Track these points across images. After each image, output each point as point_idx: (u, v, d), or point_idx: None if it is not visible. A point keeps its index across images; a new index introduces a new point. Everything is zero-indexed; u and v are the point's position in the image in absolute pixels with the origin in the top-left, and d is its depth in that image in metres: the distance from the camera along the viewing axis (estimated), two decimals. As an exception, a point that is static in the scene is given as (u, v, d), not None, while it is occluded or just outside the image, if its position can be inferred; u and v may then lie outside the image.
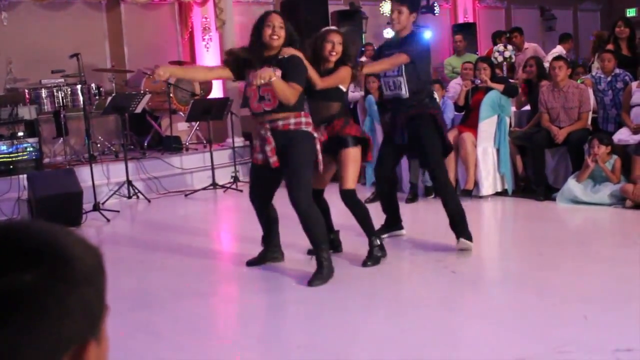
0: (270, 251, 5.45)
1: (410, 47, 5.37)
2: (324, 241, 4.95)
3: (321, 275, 4.84)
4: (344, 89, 5.28)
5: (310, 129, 4.92)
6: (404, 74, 5.43)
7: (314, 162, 4.97)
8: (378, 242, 5.29)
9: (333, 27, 5.74)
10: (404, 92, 5.46)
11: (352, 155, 5.20)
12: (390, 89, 5.56)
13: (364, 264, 5.22)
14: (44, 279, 0.90)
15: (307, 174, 4.88)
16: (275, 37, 4.82)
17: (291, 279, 5.06)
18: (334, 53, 5.19)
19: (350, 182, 5.21)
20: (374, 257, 5.24)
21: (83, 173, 7.87)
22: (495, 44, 11.07)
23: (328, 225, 5.33)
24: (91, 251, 0.98)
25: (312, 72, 5.04)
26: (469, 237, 5.46)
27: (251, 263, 5.44)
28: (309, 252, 5.32)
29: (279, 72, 4.71)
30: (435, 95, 5.98)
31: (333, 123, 5.20)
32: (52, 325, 0.90)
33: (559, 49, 10.90)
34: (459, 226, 5.49)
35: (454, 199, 5.61)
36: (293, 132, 4.86)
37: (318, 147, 4.97)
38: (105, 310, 0.99)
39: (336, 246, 5.59)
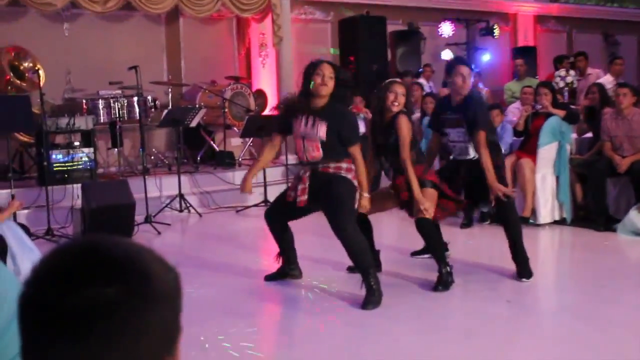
0: (289, 268, 5.55)
1: (478, 121, 5.28)
2: (370, 265, 4.96)
3: (373, 298, 4.82)
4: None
5: (350, 176, 5.01)
6: (471, 140, 5.39)
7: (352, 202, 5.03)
8: (448, 269, 5.26)
9: (397, 79, 5.80)
10: (472, 155, 5.45)
11: (429, 193, 5.26)
12: (457, 154, 5.55)
13: (435, 288, 5.20)
14: (126, 295, 0.93)
15: (350, 203, 4.97)
16: (323, 86, 4.90)
17: (340, 300, 5.00)
18: (396, 103, 5.25)
19: (426, 212, 5.22)
20: (444, 282, 5.21)
21: (136, 184, 7.88)
22: (557, 68, 10.81)
23: (370, 244, 5.36)
24: (170, 271, 1.02)
25: (412, 181, 5.15)
26: (528, 275, 5.38)
27: (270, 277, 5.56)
28: (349, 269, 5.51)
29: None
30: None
31: (415, 167, 5.25)
32: (131, 340, 0.93)
33: (608, 78, 10.08)
34: (520, 265, 5.41)
35: (516, 229, 5.49)
36: (331, 175, 4.99)
37: (356, 194, 5.05)
38: (180, 330, 1.04)
39: (376, 266, 5.52)
